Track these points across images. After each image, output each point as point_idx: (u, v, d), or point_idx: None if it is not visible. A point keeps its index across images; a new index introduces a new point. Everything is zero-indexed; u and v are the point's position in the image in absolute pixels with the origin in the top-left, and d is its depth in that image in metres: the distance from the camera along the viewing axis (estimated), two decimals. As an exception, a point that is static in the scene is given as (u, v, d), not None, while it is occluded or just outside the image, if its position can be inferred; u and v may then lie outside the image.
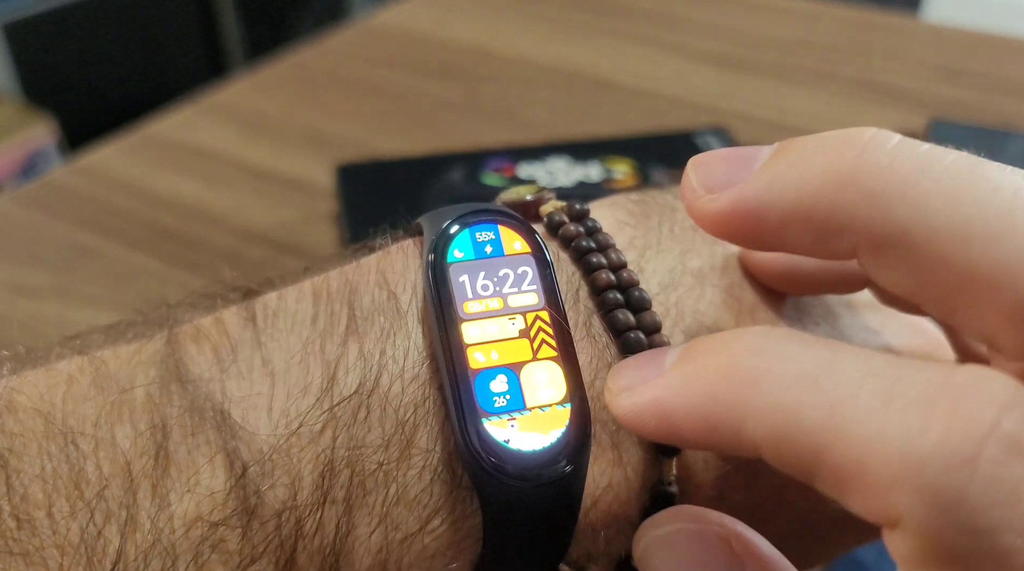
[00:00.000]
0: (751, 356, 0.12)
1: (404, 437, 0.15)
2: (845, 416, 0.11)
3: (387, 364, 0.16)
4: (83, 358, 0.16)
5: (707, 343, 0.13)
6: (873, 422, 0.11)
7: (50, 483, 0.14)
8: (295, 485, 0.15)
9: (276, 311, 0.16)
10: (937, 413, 0.11)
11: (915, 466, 0.11)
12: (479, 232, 0.16)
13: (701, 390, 0.13)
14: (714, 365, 0.13)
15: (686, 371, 0.13)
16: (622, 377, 0.14)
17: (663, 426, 0.13)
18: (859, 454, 0.11)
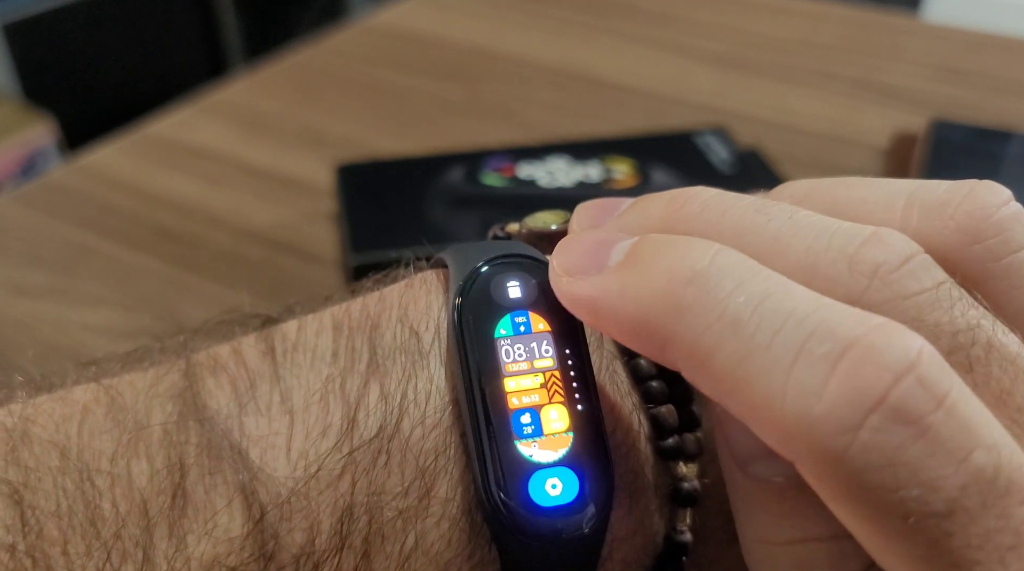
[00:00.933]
0: (683, 286, 0.13)
1: (424, 485, 0.15)
2: (754, 366, 0.12)
3: (408, 408, 0.15)
4: (98, 387, 0.16)
5: (652, 251, 0.14)
6: (776, 378, 0.12)
7: (65, 520, 0.14)
8: (313, 530, 0.15)
9: (295, 344, 0.16)
10: (835, 376, 0.12)
11: (805, 427, 0.12)
12: (516, 316, 0.17)
13: (633, 306, 0.14)
14: (650, 285, 0.13)
15: (625, 281, 0.14)
16: (567, 258, 0.15)
17: (594, 322, 0.15)
18: (761, 404, 0.12)
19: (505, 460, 0.15)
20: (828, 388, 0.12)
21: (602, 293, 0.14)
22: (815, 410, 0.12)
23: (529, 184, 0.41)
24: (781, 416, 0.12)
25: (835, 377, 0.12)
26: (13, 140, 1.11)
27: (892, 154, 0.48)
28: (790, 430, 0.12)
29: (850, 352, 0.12)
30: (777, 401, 0.12)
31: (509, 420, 0.15)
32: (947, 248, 0.15)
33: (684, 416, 0.16)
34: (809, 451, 0.12)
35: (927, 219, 0.15)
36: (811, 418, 0.12)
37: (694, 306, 0.13)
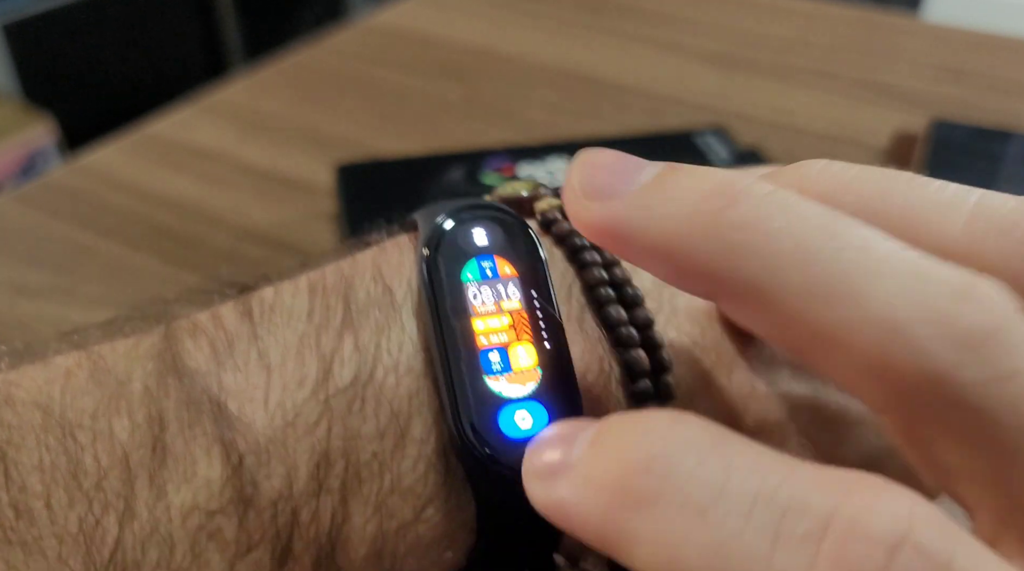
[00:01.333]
0: (643, 475, 0.12)
1: (399, 427, 0.15)
2: (729, 558, 0.11)
3: (382, 357, 0.16)
4: (80, 353, 0.16)
5: (611, 438, 0.13)
6: (758, 568, 0.11)
7: (48, 474, 0.14)
8: (291, 475, 0.15)
9: (272, 306, 0.16)
10: (822, 558, 0.10)
11: None
12: (483, 261, 0.17)
13: (594, 506, 0.12)
14: (609, 478, 0.12)
15: (585, 474, 0.13)
16: (537, 456, 0.14)
17: (568, 529, 0.13)
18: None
19: (475, 395, 0.15)
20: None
21: (568, 493, 0.13)
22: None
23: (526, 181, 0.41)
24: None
25: (822, 561, 0.10)
26: (13, 140, 1.11)
27: (892, 154, 0.48)
28: None
29: (832, 528, 0.10)
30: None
31: (478, 357, 0.15)
32: (1013, 277, 0.13)
33: (655, 361, 0.17)
34: None
35: (996, 240, 0.13)
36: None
37: (655, 496, 0.12)
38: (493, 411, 0.15)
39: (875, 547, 0.10)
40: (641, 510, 0.12)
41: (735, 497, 0.11)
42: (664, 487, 0.12)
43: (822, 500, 0.11)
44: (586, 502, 0.12)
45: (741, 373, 0.18)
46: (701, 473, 0.11)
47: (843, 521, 0.10)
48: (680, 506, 0.11)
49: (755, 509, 0.11)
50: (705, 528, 0.11)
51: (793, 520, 0.11)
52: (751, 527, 0.11)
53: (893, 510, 0.10)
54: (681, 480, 0.11)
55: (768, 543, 0.11)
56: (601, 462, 0.12)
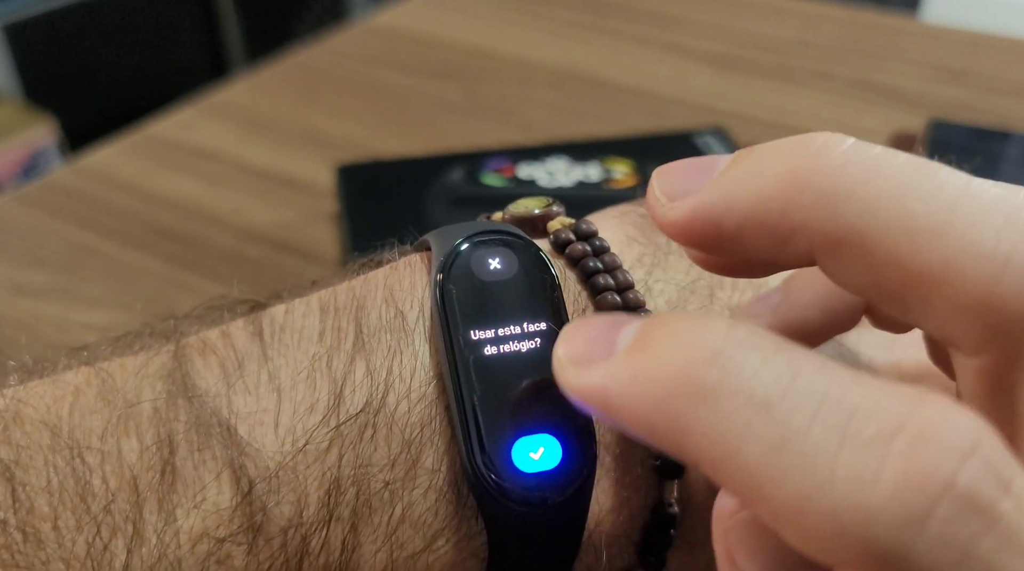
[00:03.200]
0: (704, 366, 0.12)
1: (410, 457, 0.15)
2: (793, 453, 0.11)
3: (393, 383, 0.16)
4: (89, 370, 0.16)
5: (662, 332, 0.12)
6: (822, 465, 0.10)
7: (56, 496, 0.14)
8: (301, 503, 0.15)
9: (283, 325, 0.16)
10: (892, 459, 0.10)
11: (863, 519, 0.10)
12: (498, 289, 0.16)
13: (646, 394, 0.12)
14: (664, 369, 0.12)
15: (636, 366, 0.12)
16: (571, 344, 0.13)
17: (606, 416, 0.13)
18: (804, 498, 0.11)
19: (488, 428, 0.15)
20: (885, 473, 0.10)
21: (612, 381, 0.12)
22: (873, 499, 0.10)
23: (529, 184, 0.41)
24: (831, 508, 0.10)
25: (891, 460, 0.10)
26: (14, 141, 1.11)
27: (891, 154, 0.48)
28: (842, 525, 0.10)
29: (903, 432, 0.10)
30: (824, 492, 0.10)
31: (491, 389, 0.15)
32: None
33: None
34: (866, 549, 0.10)
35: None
36: (869, 508, 0.10)
37: (717, 388, 0.11)
38: (506, 444, 0.15)
39: (947, 452, 0.10)
40: (702, 400, 0.11)
41: (802, 396, 0.11)
42: (728, 379, 0.11)
43: (892, 407, 0.11)
44: (637, 390, 0.12)
45: None
46: (767, 370, 0.11)
47: (915, 427, 0.10)
48: (745, 399, 0.11)
49: (822, 409, 0.11)
50: (769, 423, 0.11)
51: (862, 421, 0.11)
52: (818, 424, 0.11)
53: (965, 423, 0.10)
54: (747, 374, 0.11)
55: (835, 441, 0.10)
56: (656, 353, 0.12)
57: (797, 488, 0.11)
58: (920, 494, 0.10)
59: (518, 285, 0.16)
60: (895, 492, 0.10)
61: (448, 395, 0.15)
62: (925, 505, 0.10)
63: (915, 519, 0.10)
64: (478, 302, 0.16)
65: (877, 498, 0.10)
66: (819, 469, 0.10)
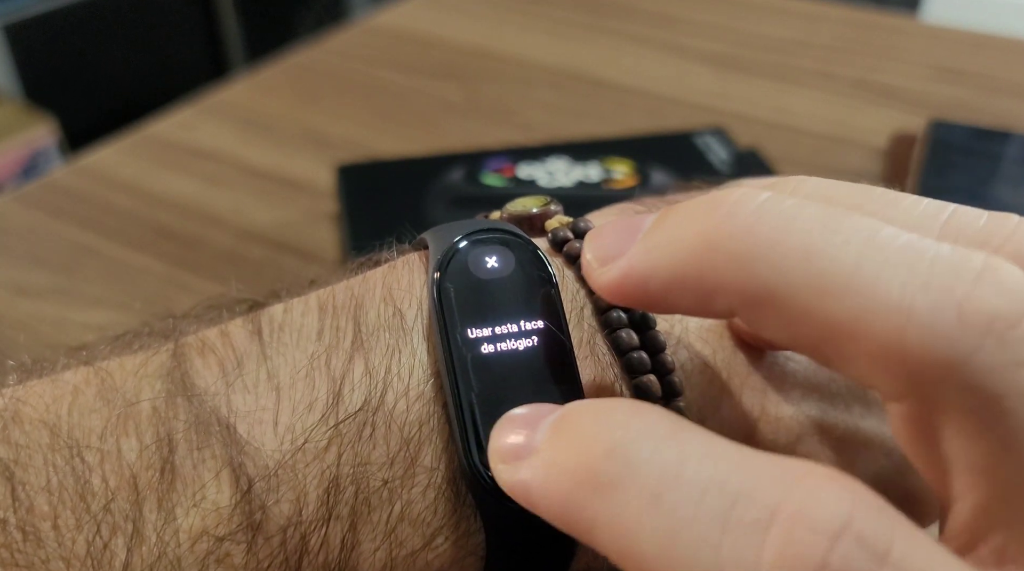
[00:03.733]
0: (602, 460, 0.12)
1: (409, 455, 0.15)
2: (681, 546, 0.11)
3: (392, 381, 0.16)
4: (88, 369, 0.16)
5: (573, 425, 0.13)
6: (708, 556, 0.11)
7: (56, 495, 0.14)
8: (300, 501, 0.15)
9: (282, 324, 0.16)
10: (768, 546, 0.10)
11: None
12: (495, 287, 0.17)
13: (557, 489, 0.13)
14: (570, 463, 0.12)
15: (548, 459, 0.13)
16: (502, 438, 0.14)
17: (533, 510, 0.13)
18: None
19: (485, 426, 0.15)
20: (763, 560, 0.10)
21: (531, 475, 0.13)
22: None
23: (529, 184, 0.41)
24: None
25: (768, 548, 0.10)
26: (14, 141, 1.11)
27: (891, 154, 0.48)
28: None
29: (778, 517, 0.11)
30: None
31: (489, 387, 0.15)
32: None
33: (665, 386, 0.17)
34: None
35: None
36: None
37: (614, 481, 0.12)
38: None
39: (817, 536, 0.10)
40: (601, 494, 0.12)
41: (687, 484, 0.11)
42: (622, 473, 0.12)
43: (770, 489, 0.11)
44: (549, 485, 0.13)
45: (751, 395, 0.17)
46: (657, 460, 0.12)
47: (788, 511, 0.11)
48: (637, 491, 0.12)
49: (706, 496, 0.11)
50: (658, 514, 0.11)
51: (742, 508, 0.11)
52: (702, 514, 0.11)
53: (836, 499, 0.11)
54: (638, 466, 0.12)
55: (718, 530, 0.11)
56: (564, 447, 0.13)
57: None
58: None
59: (515, 283, 0.16)
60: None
61: (445, 393, 0.15)
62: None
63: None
64: (475, 300, 0.16)
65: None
66: (705, 560, 0.11)
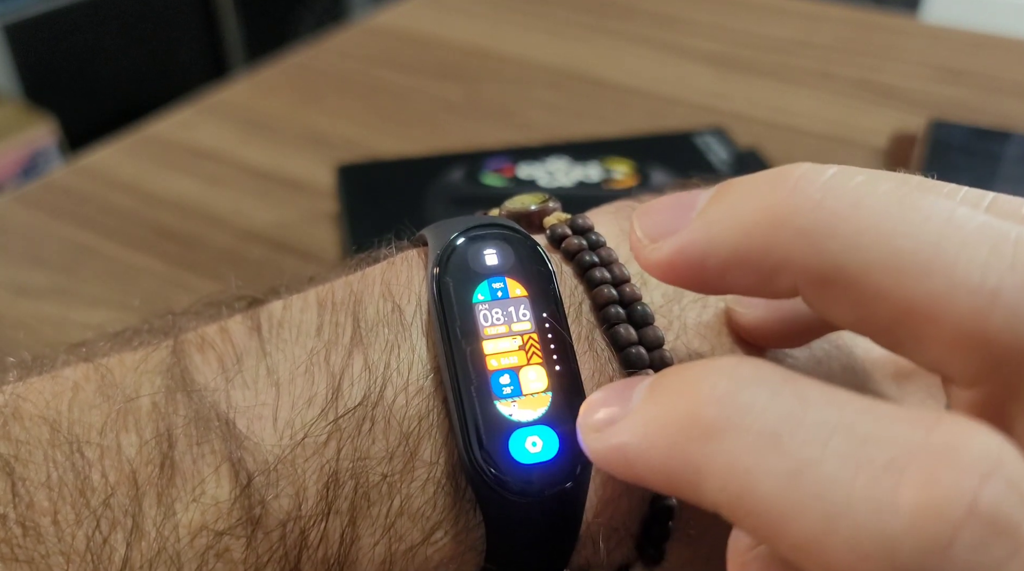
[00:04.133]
0: (712, 406, 0.12)
1: (408, 449, 0.15)
2: (808, 484, 0.10)
3: (391, 376, 0.16)
4: (88, 365, 0.16)
5: (672, 381, 0.13)
6: (839, 494, 0.10)
7: (56, 491, 0.14)
8: (299, 496, 0.15)
9: (281, 321, 0.16)
10: (909, 484, 0.10)
11: (885, 547, 0.10)
12: (494, 282, 0.17)
13: (660, 442, 0.12)
14: (674, 414, 0.12)
15: (648, 416, 0.13)
16: (591, 414, 0.14)
17: (629, 474, 0.13)
18: (821, 531, 0.10)
19: (485, 419, 0.15)
20: (904, 498, 0.10)
21: (628, 437, 0.13)
22: (893, 526, 0.10)
23: (529, 185, 0.41)
24: (851, 537, 0.10)
25: (910, 484, 0.10)
26: (14, 140, 1.11)
27: (891, 154, 0.48)
28: (865, 554, 0.10)
29: (919, 455, 0.10)
30: (844, 521, 0.10)
31: (488, 381, 0.15)
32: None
33: None
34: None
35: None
36: (890, 536, 0.10)
37: (725, 427, 0.11)
38: (503, 436, 0.15)
39: (967, 473, 0.10)
40: (711, 440, 0.11)
41: (811, 426, 0.11)
42: (735, 417, 0.11)
43: (905, 432, 0.10)
44: (650, 440, 0.12)
45: None
46: (775, 404, 0.11)
47: (931, 449, 0.10)
48: (754, 435, 0.11)
49: (834, 438, 0.11)
50: (780, 456, 0.11)
51: (874, 448, 0.10)
52: (830, 454, 0.10)
53: (984, 441, 0.10)
54: (755, 410, 0.11)
55: (850, 470, 0.10)
56: (665, 401, 0.12)
57: (815, 520, 0.10)
58: (941, 519, 0.10)
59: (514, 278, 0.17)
60: (915, 518, 0.10)
61: (445, 388, 0.15)
62: (948, 531, 0.10)
63: (938, 546, 0.10)
64: (475, 295, 0.16)
65: (898, 525, 0.10)
66: (836, 498, 0.10)
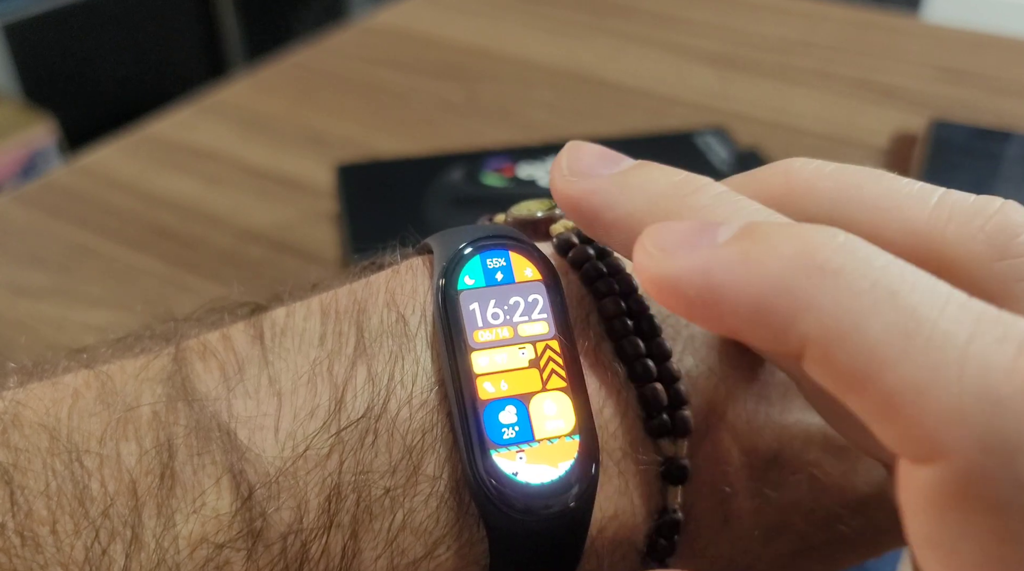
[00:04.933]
0: (831, 250, 0.12)
1: (411, 463, 0.15)
2: (920, 337, 0.11)
3: (395, 389, 0.15)
4: (89, 372, 0.16)
5: (777, 227, 0.12)
6: (952, 352, 0.10)
7: (55, 500, 0.14)
8: (301, 508, 0.15)
9: (284, 329, 0.16)
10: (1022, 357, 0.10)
11: (987, 407, 0.10)
12: (490, 258, 0.16)
13: (761, 271, 0.12)
14: (784, 249, 0.12)
15: (748, 248, 0.12)
16: (663, 236, 0.13)
17: (702, 299, 0.12)
18: (926, 380, 0.10)
19: (491, 435, 0.15)
20: (1019, 366, 0.10)
21: (717, 262, 0.12)
22: (1005, 388, 0.10)
23: (529, 184, 0.41)
24: (957, 392, 0.10)
25: (1022, 357, 0.10)
26: (14, 140, 1.11)
27: (892, 154, 0.48)
28: (966, 410, 0.10)
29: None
30: (951, 376, 0.10)
31: (480, 421, 0.15)
32: (973, 258, 0.14)
33: (672, 394, 0.16)
34: (986, 436, 0.10)
35: (957, 224, 0.14)
36: (999, 397, 0.10)
37: (845, 268, 0.11)
38: None
39: None
40: (827, 277, 0.11)
41: (929, 291, 0.11)
42: (855, 264, 0.11)
43: (1013, 319, 0.11)
44: (751, 267, 0.12)
45: (757, 402, 0.17)
46: (894, 266, 0.11)
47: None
48: (872, 282, 0.11)
49: (950, 305, 0.11)
50: (897, 308, 0.11)
51: (990, 324, 0.11)
52: (946, 317, 0.11)
53: None
54: (873, 264, 0.11)
55: (966, 334, 0.11)
56: (772, 239, 0.12)
57: (919, 371, 0.11)
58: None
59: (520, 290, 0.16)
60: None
61: (450, 401, 0.15)
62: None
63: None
64: (480, 307, 0.16)
65: (1007, 388, 0.10)
66: (948, 355, 0.10)
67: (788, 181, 0.16)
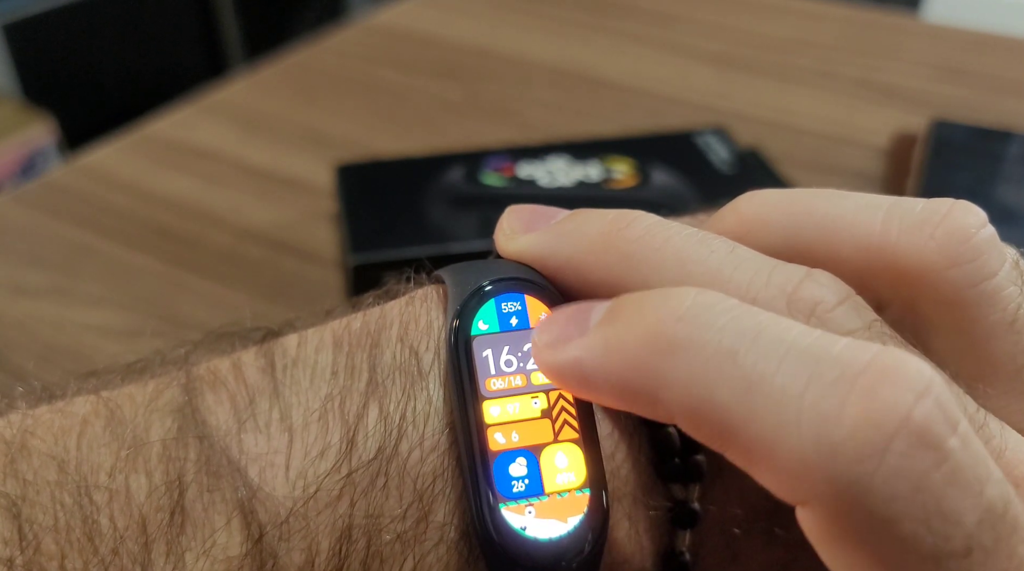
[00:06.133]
0: (673, 324, 0.13)
1: (422, 508, 0.15)
2: (761, 396, 0.12)
3: (407, 430, 0.15)
4: (98, 400, 0.15)
5: (632, 304, 0.14)
6: (788, 405, 0.11)
7: (63, 535, 0.14)
8: (312, 551, 0.14)
9: (296, 359, 0.16)
10: (854, 398, 0.11)
11: (826, 454, 0.11)
12: (505, 302, 0.16)
13: (620, 357, 0.13)
14: (635, 331, 0.13)
15: (608, 334, 0.13)
16: (548, 332, 0.15)
17: (582, 387, 0.14)
18: (772, 436, 0.11)
19: (500, 487, 0.14)
20: (848, 410, 0.11)
21: (586, 352, 0.14)
22: (836, 435, 0.11)
23: (529, 184, 0.41)
24: (797, 445, 0.11)
25: (853, 399, 0.11)
26: (13, 140, 1.11)
27: (892, 154, 0.48)
28: (808, 461, 0.11)
29: (864, 375, 0.11)
30: (791, 429, 0.11)
31: (490, 473, 0.14)
32: (926, 267, 0.15)
33: (685, 438, 0.16)
34: (830, 483, 0.11)
35: (908, 234, 0.15)
36: (832, 444, 0.11)
37: (688, 341, 0.12)
38: None
39: (905, 391, 0.11)
40: (674, 353, 0.12)
41: (768, 344, 0.12)
42: (697, 333, 0.12)
43: (854, 354, 0.12)
44: (610, 353, 0.13)
45: None
46: (733, 324, 0.12)
47: (875, 369, 0.11)
48: (714, 349, 0.12)
49: (788, 356, 0.12)
50: (737, 367, 0.12)
51: (825, 366, 0.11)
52: (783, 369, 0.12)
53: (920, 367, 0.11)
54: (714, 328, 0.12)
55: (801, 383, 0.11)
56: (626, 320, 0.13)
57: (766, 427, 0.11)
58: (878, 429, 0.11)
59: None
60: (856, 428, 0.11)
61: (460, 450, 0.15)
62: (883, 440, 0.11)
63: (874, 453, 0.11)
64: (492, 353, 0.15)
65: (840, 434, 0.11)
66: (786, 409, 0.11)
67: (741, 219, 0.16)
